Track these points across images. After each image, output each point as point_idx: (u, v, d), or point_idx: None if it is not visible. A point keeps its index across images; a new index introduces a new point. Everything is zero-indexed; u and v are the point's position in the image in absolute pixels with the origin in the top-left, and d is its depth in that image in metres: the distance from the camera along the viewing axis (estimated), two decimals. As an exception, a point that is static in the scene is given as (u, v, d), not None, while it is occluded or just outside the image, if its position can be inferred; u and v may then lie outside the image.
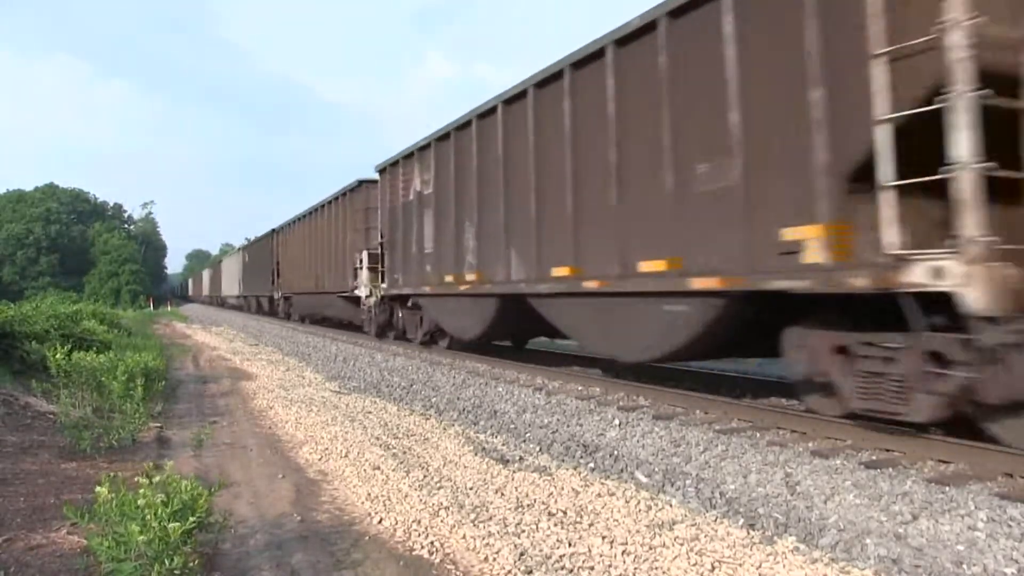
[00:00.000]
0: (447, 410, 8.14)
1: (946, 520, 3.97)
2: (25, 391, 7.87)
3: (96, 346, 9.58)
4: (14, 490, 4.70)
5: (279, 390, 9.80)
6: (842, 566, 3.51)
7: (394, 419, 7.55)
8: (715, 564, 3.50)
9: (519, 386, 9.02)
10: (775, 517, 4.26)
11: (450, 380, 9.99)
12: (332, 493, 4.88)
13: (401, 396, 9.26)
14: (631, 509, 4.36)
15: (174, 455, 5.89)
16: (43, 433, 6.47)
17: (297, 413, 7.91)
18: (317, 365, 13.13)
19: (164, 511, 3.00)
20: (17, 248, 70.49)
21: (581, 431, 6.63)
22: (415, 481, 5.03)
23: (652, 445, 5.97)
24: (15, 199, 74.51)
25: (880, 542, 3.78)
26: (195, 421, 7.54)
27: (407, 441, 6.41)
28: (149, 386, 6.96)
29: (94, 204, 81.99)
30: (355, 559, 3.69)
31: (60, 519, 3.91)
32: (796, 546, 3.78)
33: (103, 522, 3.13)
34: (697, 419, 6.71)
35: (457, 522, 4.15)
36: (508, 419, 7.42)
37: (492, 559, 3.62)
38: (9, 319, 9.43)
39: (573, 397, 8.07)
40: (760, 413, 6.56)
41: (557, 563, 3.54)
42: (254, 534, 4.03)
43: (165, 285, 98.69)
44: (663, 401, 7.55)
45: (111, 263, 71.95)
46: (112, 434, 5.97)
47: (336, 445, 6.23)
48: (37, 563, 3.50)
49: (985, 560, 3.51)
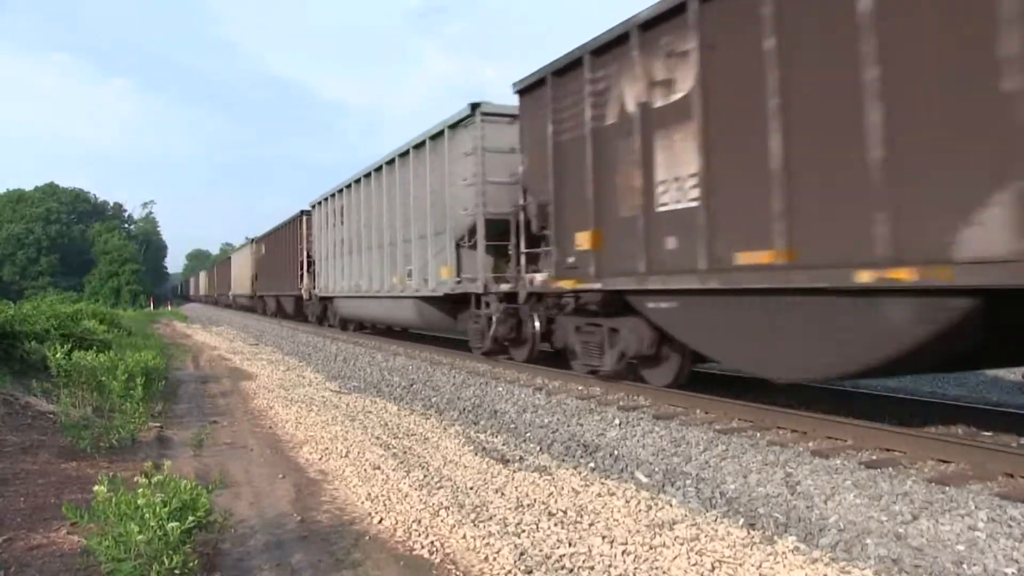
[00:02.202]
0: (447, 410, 8.14)
1: (946, 520, 3.97)
2: (25, 391, 7.87)
3: (96, 346, 9.57)
4: (14, 490, 4.70)
5: (279, 390, 9.80)
6: (842, 566, 3.50)
7: (394, 419, 7.54)
8: (715, 564, 3.49)
9: (519, 386, 9.01)
10: (775, 517, 4.26)
11: (450, 380, 9.98)
12: (332, 493, 4.88)
13: (401, 396, 9.26)
14: (631, 509, 4.36)
15: (174, 455, 5.89)
16: (43, 433, 6.46)
17: (297, 413, 7.91)
18: (317, 365, 13.13)
19: (163, 511, 3.00)
20: (17, 248, 70.54)
21: (581, 431, 6.63)
22: (415, 481, 5.03)
23: (652, 445, 5.97)
24: (15, 199, 74.57)
25: (880, 542, 3.78)
26: (195, 421, 7.54)
27: (407, 441, 6.40)
28: (149, 386, 6.95)
29: (94, 204, 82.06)
30: (355, 559, 3.68)
31: (60, 519, 3.91)
32: (796, 546, 3.77)
33: (102, 522, 3.13)
34: (697, 419, 6.71)
35: (457, 522, 4.14)
36: (508, 419, 7.41)
37: (492, 559, 3.62)
38: (9, 319, 9.42)
39: (573, 397, 8.07)
40: (760, 413, 6.55)
41: (557, 563, 3.53)
42: (254, 534, 4.03)
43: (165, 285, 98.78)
44: (663, 401, 7.54)
45: (111, 263, 71.95)
46: (112, 434, 5.97)
47: (336, 445, 6.23)
48: (37, 563, 3.50)
49: (985, 560, 3.50)
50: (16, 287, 66.12)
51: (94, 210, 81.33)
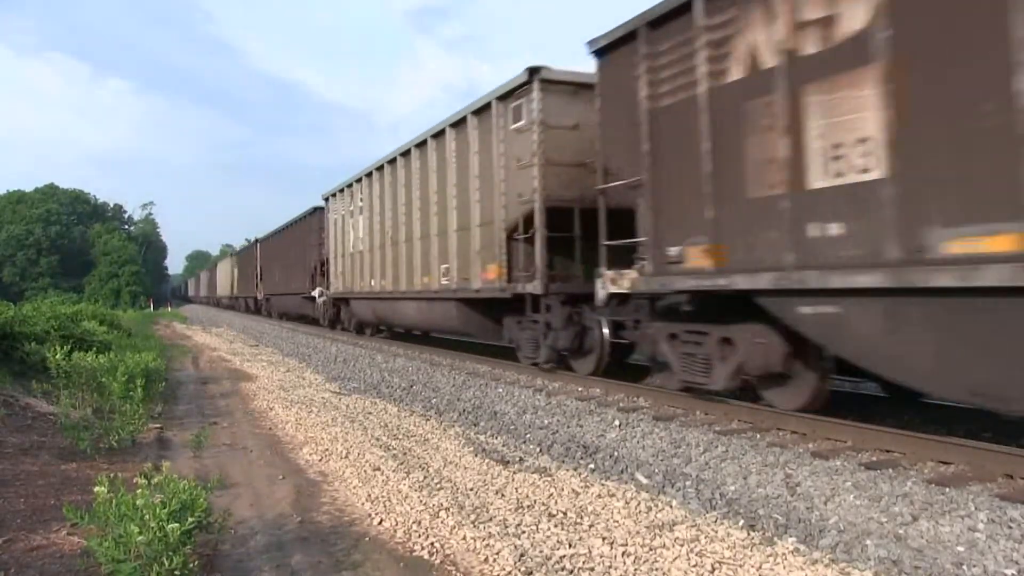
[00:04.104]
0: (447, 411, 8.14)
1: (946, 521, 3.97)
2: (25, 392, 7.87)
3: (96, 347, 9.57)
4: (14, 491, 4.70)
5: (279, 391, 9.80)
6: (842, 567, 3.51)
7: (394, 420, 7.54)
8: (715, 565, 3.50)
9: (519, 387, 9.01)
10: (775, 518, 4.26)
11: (450, 381, 9.98)
12: (332, 494, 4.88)
13: (401, 397, 9.25)
14: (631, 510, 4.36)
15: (174, 456, 5.90)
16: (43, 434, 6.46)
17: (297, 414, 7.91)
18: (317, 366, 13.13)
19: (163, 512, 3.00)
20: (17, 249, 70.49)
21: (581, 432, 6.63)
22: (415, 482, 5.03)
23: (652, 446, 5.97)
24: (15, 200, 74.53)
25: (880, 543, 3.78)
26: (195, 422, 7.54)
27: (407, 442, 6.40)
28: (149, 387, 6.95)
29: (94, 205, 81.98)
30: (355, 560, 3.68)
31: (60, 520, 3.91)
32: (796, 547, 3.77)
33: (102, 523, 3.13)
34: (697, 420, 6.71)
35: (457, 523, 4.14)
36: (508, 420, 7.41)
37: (492, 560, 3.62)
38: (9, 320, 9.42)
39: (573, 398, 8.07)
40: (760, 414, 6.55)
41: (557, 564, 3.54)
42: (254, 535, 4.03)
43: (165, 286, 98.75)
44: (663, 402, 7.55)
45: (111, 264, 71.91)
46: (112, 435, 5.97)
47: (336, 446, 6.23)
48: (37, 564, 3.50)
49: (985, 561, 3.51)
50: (16, 288, 66.09)
51: (94, 211, 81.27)
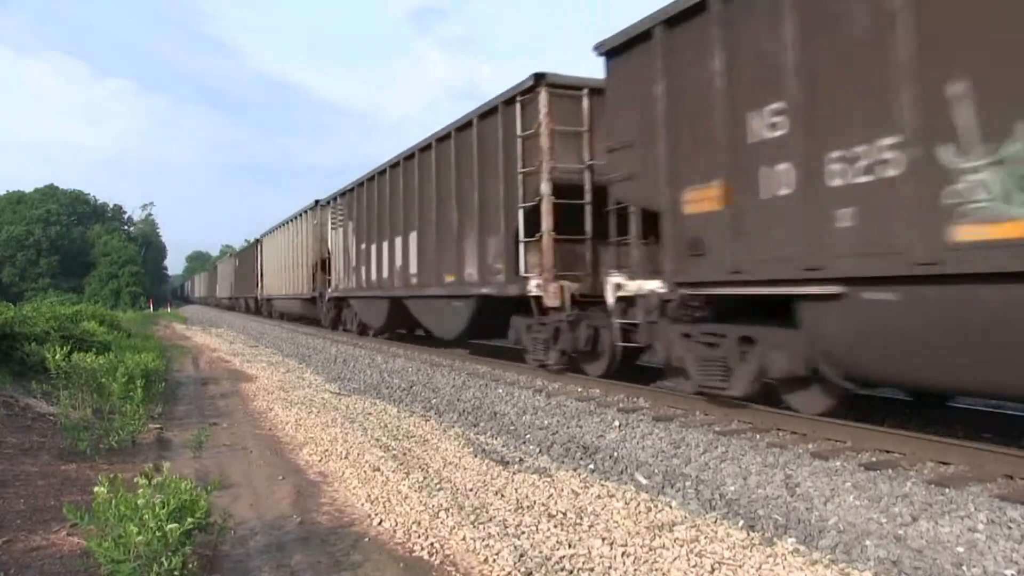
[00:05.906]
0: (447, 412, 8.14)
1: (946, 522, 3.97)
2: (25, 393, 7.87)
3: (96, 347, 9.57)
4: (14, 491, 4.70)
5: (279, 392, 9.80)
6: (842, 568, 3.51)
7: (394, 421, 7.55)
8: (715, 565, 3.50)
9: (519, 388, 9.01)
10: (775, 519, 4.26)
11: (450, 382, 9.98)
12: (332, 495, 4.88)
13: (401, 398, 9.26)
14: (631, 511, 4.36)
15: (174, 456, 5.90)
16: (43, 435, 6.46)
17: (297, 415, 7.91)
18: (317, 367, 13.13)
19: (162, 512, 3.00)
20: (17, 250, 70.46)
21: (581, 433, 6.62)
22: (415, 483, 5.03)
23: (652, 447, 5.97)
24: (15, 200, 74.49)
25: (880, 544, 3.78)
26: (195, 423, 7.53)
27: (407, 443, 6.40)
28: (149, 387, 6.96)
29: (94, 205, 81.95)
30: (355, 560, 3.68)
31: (60, 520, 3.92)
32: (796, 547, 3.78)
33: (102, 523, 3.13)
34: (697, 421, 6.71)
35: (457, 523, 4.15)
36: (508, 420, 7.41)
37: (492, 560, 3.62)
38: (9, 320, 9.42)
39: (573, 399, 8.07)
40: (760, 415, 6.55)
41: (557, 564, 3.54)
42: (254, 535, 4.03)
43: (165, 286, 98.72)
44: (663, 403, 7.55)
45: (111, 265, 71.88)
46: (112, 435, 5.97)
47: (336, 446, 6.23)
48: (37, 564, 3.50)
49: (985, 562, 3.51)
50: (16, 289, 66.05)
51: (94, 212, 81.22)
